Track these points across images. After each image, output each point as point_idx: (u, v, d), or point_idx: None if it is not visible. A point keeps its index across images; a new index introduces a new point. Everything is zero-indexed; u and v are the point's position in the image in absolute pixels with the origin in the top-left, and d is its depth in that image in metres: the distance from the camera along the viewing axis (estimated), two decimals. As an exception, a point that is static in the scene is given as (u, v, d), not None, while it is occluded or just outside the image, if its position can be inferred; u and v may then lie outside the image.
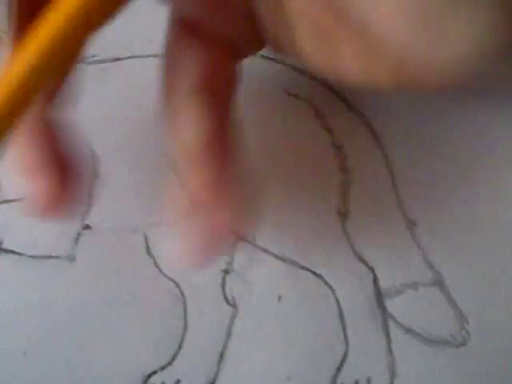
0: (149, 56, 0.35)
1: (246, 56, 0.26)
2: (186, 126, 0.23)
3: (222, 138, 0.24)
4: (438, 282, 0.30)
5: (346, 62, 0.20)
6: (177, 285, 0.30)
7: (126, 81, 0.35)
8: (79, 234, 0.31)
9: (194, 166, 0.24)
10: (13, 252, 0.31)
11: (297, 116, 0.34)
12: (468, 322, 0.30)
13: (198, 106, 0.23)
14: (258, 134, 0.33)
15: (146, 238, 0.31)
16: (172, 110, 0.24)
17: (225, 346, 0.29)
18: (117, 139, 0.33)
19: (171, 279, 0.30)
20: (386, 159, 0.33)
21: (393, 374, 0.28)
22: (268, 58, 0.35)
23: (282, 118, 0.34)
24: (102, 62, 0.36)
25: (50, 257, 0.31)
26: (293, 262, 0.31)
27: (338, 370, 0.29)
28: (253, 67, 0.35)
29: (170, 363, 0.29)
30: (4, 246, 0.31)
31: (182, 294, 0.30)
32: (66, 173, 0.24)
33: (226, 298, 0.30)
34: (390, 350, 0.29)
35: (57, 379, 0.28)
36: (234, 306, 0.30)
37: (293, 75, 0.35)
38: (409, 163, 0.33)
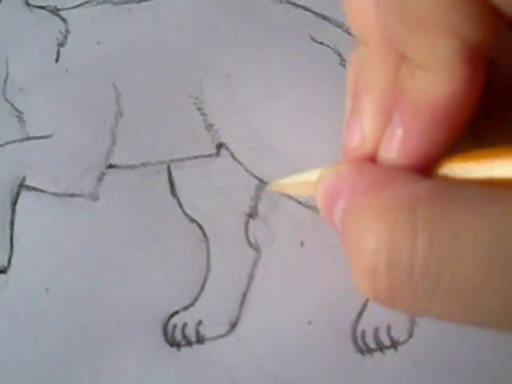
0: (175, -3, 0.33)
1: None
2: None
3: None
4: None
5: None
6: (200, 226, 0.28)
7: (150, 22, 0.33)
8: (103, 173, 0.29)
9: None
10: (35, 189, 0.29)
11: (322, 63, 0.32)
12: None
13: None
14: (284, 79, 0.31)
15: (169, 178, 0.29)
16: None
17: (247, 289, 0.27)
18: (140, 78, 0.31)
19: (194, 220, 0.28)
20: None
21: (412, 322, 0.27)
22: (295, 4, 0.33)
23: (307, 65, 0.32)
24: (128, 2, 0.33)
25: (74, 195, 0.29)
26: (316, 208, 0.28)
27: (359, 316, 0.27)
28: (280, 14, 0.33)
29: (192, 304, 0.27)
30: (27, 182, 0.29)
31: (205, 235, 0.28)
32: None
33: (249, 242, 0.28)
34: (409, 299, 0.27)
35: (78, 317, 0.26)
36: (256, 249, 0.28)
37: (319, 22, 0.32)
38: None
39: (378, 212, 0.18)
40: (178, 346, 0.26)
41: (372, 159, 0.22)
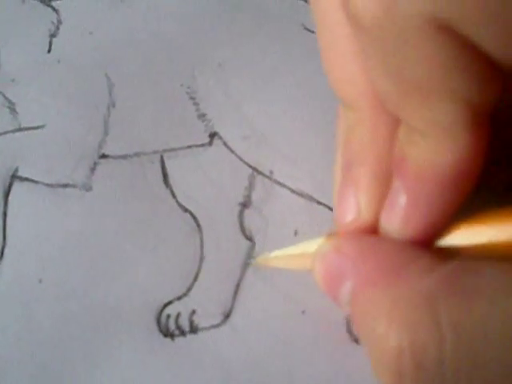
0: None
1: None
2: None
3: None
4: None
5: None
6: (193, 216, 0.27)
7: (143, 11, 0.32)
8: (96, 163, 0.28)
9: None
10: (28, 180, 0.28)
11: (315, 52, 0.31)
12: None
13: None
14: (277, 68, 0.31)
15: (162, 168, 0.28)
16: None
17: (241, 278, 0.26)
18: (133, 68, 0.31)
19: (188, 210, 0.28)
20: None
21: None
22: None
23: (300, 54, 0.31)
24: (121, -10, 0.33)
25: (66, 185, 0.28)
26: (309, 197, 0.28)
27: (353, 304, 0.26)
28: (273, 3, 0.32)
29: (185, 294, 0.26)
30: (19, 173, 0.28)
31: (199, 225, 0.27)
32: None
33: (242, 231, 0.27)
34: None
35: (72, 307, 0.26)
36: (250, 239, 0.27)
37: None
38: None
39: (396, 308, 0.17)
40: (172, 336, 0.26)
41: (371, 230, 0.20)
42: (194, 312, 0.26)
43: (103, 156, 0.28)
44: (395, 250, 0.19)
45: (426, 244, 0.19)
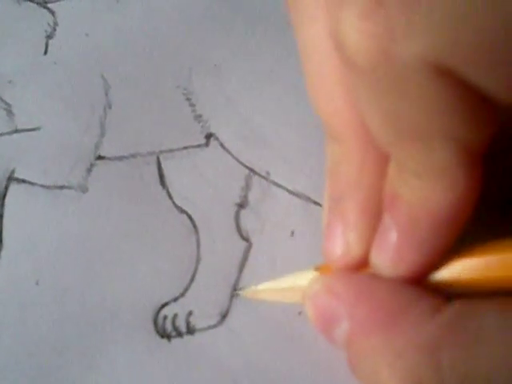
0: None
1: None
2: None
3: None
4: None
5: None
6: (190, 217, 0.27)
7: (139, 13, 0.32)
8: (92, 165, 0.28)
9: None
10: (25, 181, 0.28)
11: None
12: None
13: None
14: (273, 68, 0.31)
15: (159, 169, 0.28)
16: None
17: (237, 279, 0.26)
18: (129, 69, 0.31)
19: (184, 211, 0.27)
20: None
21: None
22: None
23: (296, 53, 0.31)
24: (117, -8, 0.33)
25: (63, 187, 0.28)
26: (306, 198, 0.28)
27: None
28: (268, 2, 0.32)
29: (182, 295, 0.26)
30: (16, 175, 0.28)
31: (195, 226, 0.27)
32: None
33: (239, 232, 0.27)
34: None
35: (69, 309, 0.26)
36: (247, 239, 0.27)
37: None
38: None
39: (397, 359, 0.17)
40: (169, 337, 0.26)
41: (361, 265, 0.20)
42: (190, 313, 0.26)
43: (99, 157, 0.28)
44: (390, 291, 0.18)
45: (419, 280, 0.19)
